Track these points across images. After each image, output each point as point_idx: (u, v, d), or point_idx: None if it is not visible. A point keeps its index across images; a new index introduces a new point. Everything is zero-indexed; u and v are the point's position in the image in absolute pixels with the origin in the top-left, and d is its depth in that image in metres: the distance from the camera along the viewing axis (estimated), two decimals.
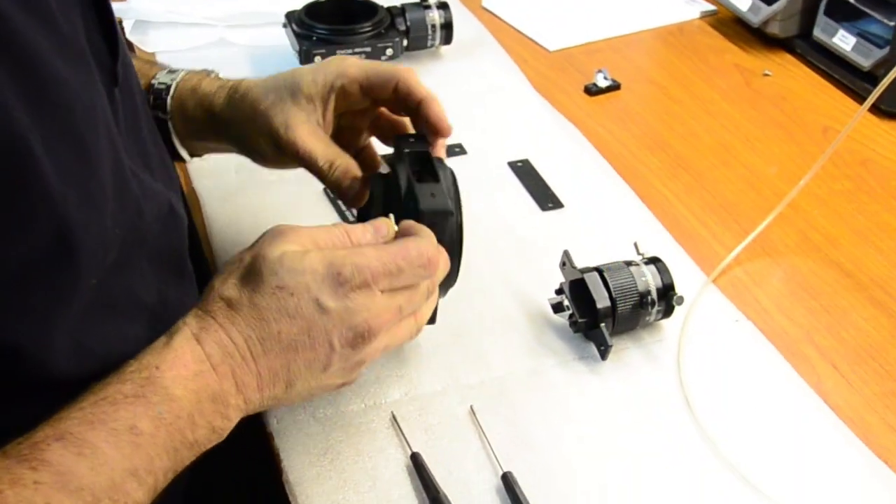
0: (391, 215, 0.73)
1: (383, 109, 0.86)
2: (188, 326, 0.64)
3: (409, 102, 0.82)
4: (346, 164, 0.79)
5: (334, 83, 0.80)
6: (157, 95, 0.86)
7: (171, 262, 0.74)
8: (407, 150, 0.79)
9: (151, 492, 0.59)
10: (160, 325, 0.66)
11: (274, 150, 0.81)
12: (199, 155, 0.92)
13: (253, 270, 0.65)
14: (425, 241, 0.69)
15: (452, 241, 0.75)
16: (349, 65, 0.81)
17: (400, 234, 0.71)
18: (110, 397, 0.59)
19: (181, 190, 0.80)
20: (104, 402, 0.58)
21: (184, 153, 0.89)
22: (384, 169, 0.85)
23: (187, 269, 0.79)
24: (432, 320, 0.79)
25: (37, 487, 0.53)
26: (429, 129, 0.81)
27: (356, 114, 0.85)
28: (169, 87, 0.86)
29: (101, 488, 0.56)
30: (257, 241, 0.68)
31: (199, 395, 0.61)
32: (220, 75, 0.90)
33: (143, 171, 0.68)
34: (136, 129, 0.70)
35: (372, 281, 0.66)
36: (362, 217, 0.78)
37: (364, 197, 0.79)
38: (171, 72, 0.88)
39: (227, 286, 0.65)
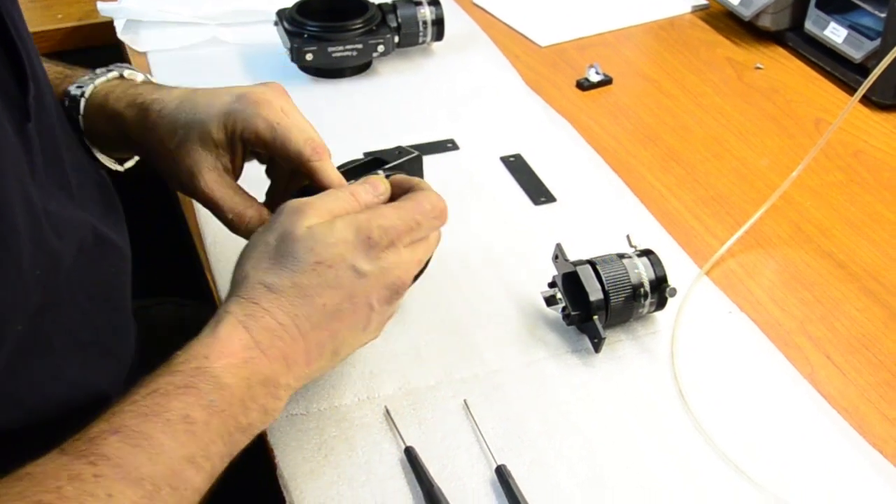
0: (380, 171, 0.76)
1: None
2: (233, 315, 0.64)
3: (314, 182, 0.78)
4: (258, 216, 0.77)
5: (244, 135, 0.76)
6: (72, 105, 0.82)
7: (105, 294, 0.73)
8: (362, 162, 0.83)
9: (209, 477, 0.60)
10: (102, 359, 0.66)
11: (181, 189, 0.79)
12: (127, 160, 0.89)
13: (285, 251, 0.66)
14: (432, 193, 0.73)
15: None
16: (263, 122, 0.76)
17: (394, 188, 0.74)
18: (162, 389, 0.60)
19: (118, 210, 0.78)
20: (156, 394, 0.59)
21: (110, 164, 0.87)
22: None
23: (124, 298, 0.77)
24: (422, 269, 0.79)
25: (97, 481, 0.54)
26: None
27: None
28: (79, 100, 0.82)
29: (160, 476, 0.57)
30: (275, 221, 0.69)
31: (249, 380, 0.62)
32: (127, 74, 0.86)
33: (67, 202, 0.67)
34: (56, 159, 0.69)
35: (397, 239, 0.68)
36: None
37: None
38: (90, 78, 0.84)
39: (263, 271, 0.66)
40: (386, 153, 0.84)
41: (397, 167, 0.82)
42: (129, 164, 0.90)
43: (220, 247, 0.94)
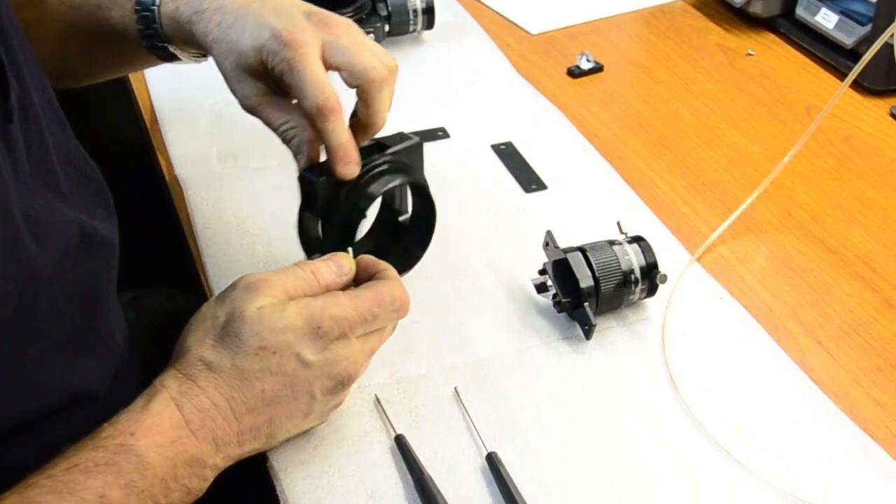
0: (349, 249, 0.74)
1: None
2: (167, 390, 0.63)
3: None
4: (308, 132, 0.77)
5: (273, 70, 0.76)
6: (145, 14, 0.82)
7: (89, 294, 0.71)
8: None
9: None
10: (85, 359, 0.65)
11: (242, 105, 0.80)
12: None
13: (231, 331, 0.65)
14: (395, 284, 0.71)
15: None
16: (285, 64, 0.75)
17: (360, 270, 0.73)
18: (82, 465, 0.58)
19: (108, 202, 0.77)
20: (75, 470, 0.58)
21: (188, 59, 0.87)
22: None
23: (109, 296, 0.75)
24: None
25: None
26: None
27: None
28: (152, 9, 0.82)
29: None
30: (228, 295, 0.68)
31: (174, 461, 0.61)
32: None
33: (55, 201, 0.66)
34: (43, 156, 0.67)
35: (349, 330, 0.67)
36: (324, 219, 0.79)
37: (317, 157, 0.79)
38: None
39: (206, 348, 0.65)
40: (388, 139, 0.83)
41: (398, 153, 0.81)
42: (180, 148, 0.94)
43: (211, 236, 0.94)
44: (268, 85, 0.78)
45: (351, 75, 0.77)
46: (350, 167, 0.76)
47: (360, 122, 0.79)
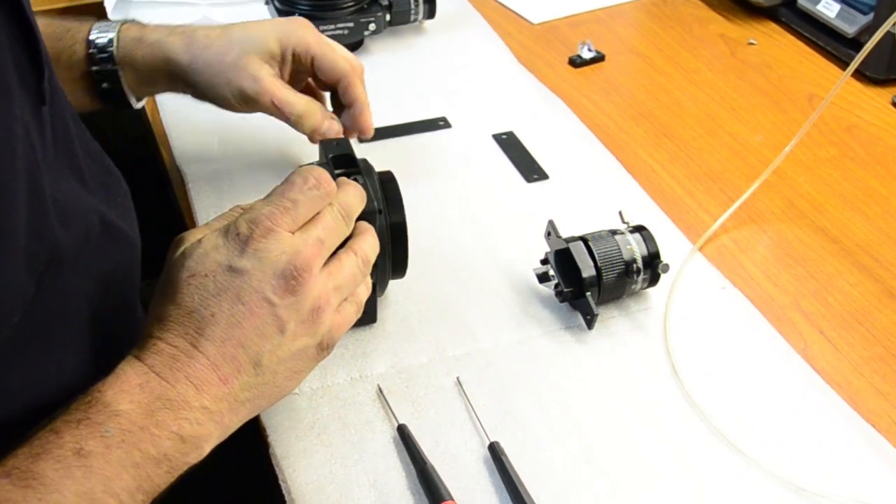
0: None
1: (310, 80, 0.95)
2: (130, 354, 0.62)
3: (342, 97, 0.93)
4: (321, 114, 0.91)
5: (296, 48, 0.87)
6: (99, 49, 0.88)
7: (112, 283, 0.71)
8: (331, 155, 0.80)
9: None
10: (107, 350, 0.65)
11: (240, 99, 0.88)
12: (142, 98, 0.95)
13: (166, 280, 0.64)
14: (304, 167, 0.68)
15: (383, 240, 0.74)
16: (312, 37, 0.88)
17: None
18: (55, 427, 0.57)
19: (127, 195, 0.78)
20: (49, 433, 0.57)
21: (132, 100, 0.93)
22: None
23: (132, 287, 0.76)
24: (373, 318, 0.81)
25: None
26: (352, 125, 0.93)
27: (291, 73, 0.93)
28: (111, 39, 0.88)
29: None
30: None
31: (149, 406, 0.59)
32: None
33: (78, 188, 0.67)
34: (68, 143, 0.68)
35: (273, 224, 0.64)
36: None
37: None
38: (105, 26, 0.89)
39: (153, 306, 0.64)
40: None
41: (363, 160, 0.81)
42: (180, 140, 1.00)
43: None
44: (276, 70, 0.88)
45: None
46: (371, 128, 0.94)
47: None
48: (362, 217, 0.72)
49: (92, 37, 0.88)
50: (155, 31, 0.89)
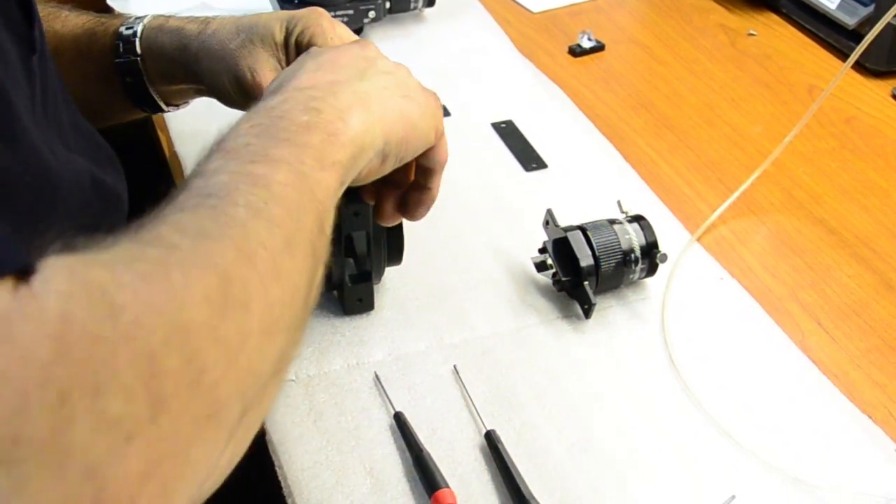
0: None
1: None
2: None
3: None
4: None
5: (302, 34, 0.81)
6: (125, 41, 0.85)
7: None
8: None
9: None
10: None
11: (238, 91, 0.81)
12: (175, 103, 0.91)
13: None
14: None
15: (379, 227, 0.77)
16: (327, 24, 0.82)
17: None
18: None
19: (117, 165, 0.77)
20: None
21: (158, 100, 0.89)
22: None
23: None
24: (370, 305, 0.82)
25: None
26: None
27: None
28: (136, 31, 0.86)
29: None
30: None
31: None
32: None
33: (56, 143, 0.65)
34: (53, 101, 0.67)
35: None
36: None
37: None
38: (135, 19, 0.87)
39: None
40: None
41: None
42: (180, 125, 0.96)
43: None
44: (279, 61, 0.82)
45: None
46: None
47: None
48: (357, 206, 0.73)
49: (121, 29, 0.86)
50: (176, 20, 0.87)
